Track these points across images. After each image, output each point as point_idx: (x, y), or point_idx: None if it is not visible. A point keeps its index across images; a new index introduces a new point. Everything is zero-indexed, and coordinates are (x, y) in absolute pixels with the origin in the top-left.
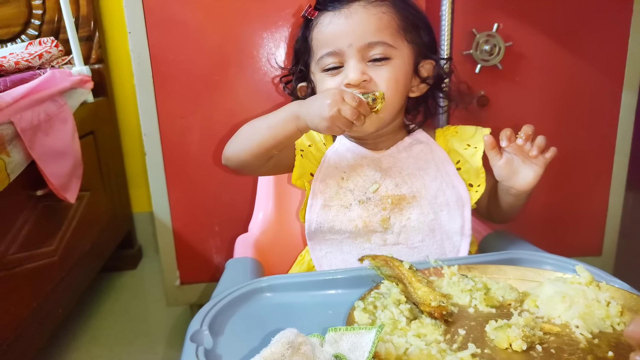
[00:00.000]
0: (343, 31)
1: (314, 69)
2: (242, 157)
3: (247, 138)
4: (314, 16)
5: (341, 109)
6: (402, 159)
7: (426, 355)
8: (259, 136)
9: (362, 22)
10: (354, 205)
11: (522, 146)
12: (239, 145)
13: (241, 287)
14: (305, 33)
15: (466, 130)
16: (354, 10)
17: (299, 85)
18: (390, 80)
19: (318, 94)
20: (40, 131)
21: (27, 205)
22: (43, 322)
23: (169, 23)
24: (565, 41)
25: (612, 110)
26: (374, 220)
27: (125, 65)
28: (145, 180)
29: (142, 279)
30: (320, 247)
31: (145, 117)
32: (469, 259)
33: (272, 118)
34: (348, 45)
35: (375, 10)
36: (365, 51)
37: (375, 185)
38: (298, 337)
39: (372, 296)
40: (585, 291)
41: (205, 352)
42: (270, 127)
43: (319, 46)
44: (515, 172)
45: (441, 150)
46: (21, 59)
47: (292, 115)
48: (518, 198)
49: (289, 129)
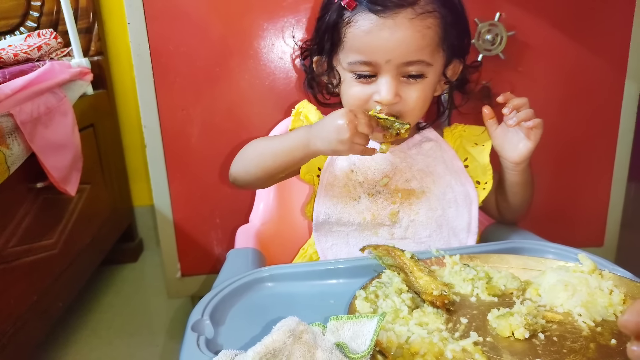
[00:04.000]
0: (383, 46)
1: (341, 61)
2: (249, 181)
3: (252, 164)
4: (351, 8)
5: (357, 126)
6: (413, 155)
7: (428, 344)
8: (264, 163)
9: (405, 39)
10: (363, 198)
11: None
12: (245, 169)
13: (242, 276)
14: (336, 20)
15: (474, 130)
16: (400, 23)
17: (315, 58)
18: (419, 99)
19: (327, 119)
20: (40, 123)
21: (27, 198)
22: (43, 316)
23: (169, 14)
24: (568, 30)
25: (614, 101)
26: (383, 214)
27: (125, 57)
28: (146, 172)
29: (142, 271)
30: (327, 238)
31: (146, 110)
32: (470, 248)
33: (278, 145)
34: (386, 61)
35: (421, 24)
36: (402, 68)
37: (385, 179)
38: (299, 326)
39: (373, 285)
40: (587, 279)
41: (206, 342)
42: (276, 155)
43: (353, 49)
44: (508, 141)
45: (450, 148)
46: (20, 51)
47: (301, 142)
48: (518, 177)
49: (296, 157)
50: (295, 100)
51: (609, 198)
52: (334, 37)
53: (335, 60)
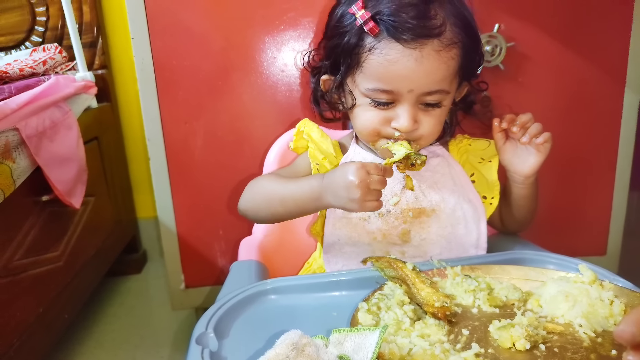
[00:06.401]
0: (408, 76)
1: (358, 85)
2: (258, 220)
3: (261, 206)
4: (374, 34)
5: (370, 184)
6: (421, 172)
7: (430, 356)
8: (274, 209)
9: (431, 70)
10: (373, 218)
11: (530, 135)
12: (254, 209)
13: (246, 289)
14: (356, 44)
15: (479, 144)
16: (427, 54)
17: (325, 77)
18: (436, 126)
19: (338, 173)
20: (46, 137)
21: (32, 211)
22: (48, 328)
23: (172, 28)
24: (567, 41)
25: (614, 109)
26: (394, 233)
27: (129, 70)
28: (150, 185)
29: (146, 283)
30: (337, 260)
31: (149, 123)
32: (472, 259)
33: (288, 192)
34: (408, 91)
35: (447, 56)
36: (422, 97)
37: (395, 198)
38: (302, 339)
39: (375, 297)
40: (588, 290)
41: (211, 355)
42: (285, 203)
43: (374, 76)
44: (517, 156)
45: (456, 163)
46: (25, 66)
47: (312, 194)
48: (525, 191)
49: (307, 209)
50: (297, 112)
51: (611, 207)
52: (351, 61)
53: (350, 82)
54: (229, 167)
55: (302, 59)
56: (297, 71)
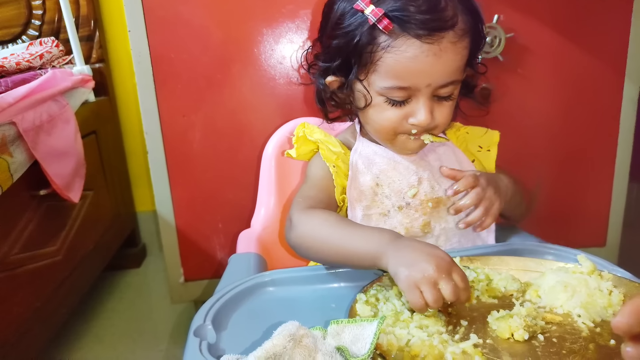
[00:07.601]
0: (427, 71)
1: (372, 84)
2: (304, 257)
3: (312, 250)
4: (387, 31)
5: (442, 284)
6: (431, 161)
7: (428, 347)
8: (326, 256)
9: (449, 62)
10: (392, 212)
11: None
12: (305, 249)
13: (244, 281)
14: (368, 42)
15: (477, 131)
16: (444, 47)
17: (331, 78)
18: (449, 115)
19: (422, 250)
20: (43, 131)
21: (30, 205)
22: (46, 322)
23: (170, 21)
24: (566, 32)
25: (614, 101)
26: (415, 226)
27: (126, 64)
28: (148, 178)
29: (146, 277)
30: None
31: (147, 116)
32: (470, 250)
33: (346, 245)
34: (426, 85)
35: (461, 46)
36: (437, 90)
37: (413, 190)
38: (300, 330)
39: (374, 289)
40: (587, 280)
41: (209, 347)
42: (339, 255)
43: (391, 74)
44: None
45: (459, 150)
46: (22, 60)
47: (373, 255)
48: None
49: (361, 265)
50: (296, 105)
51: (611, 198)
52: (364, 61)
53: (362, 82)
54: (228, 160)
55: (300, 62)
56: (296, 64)
